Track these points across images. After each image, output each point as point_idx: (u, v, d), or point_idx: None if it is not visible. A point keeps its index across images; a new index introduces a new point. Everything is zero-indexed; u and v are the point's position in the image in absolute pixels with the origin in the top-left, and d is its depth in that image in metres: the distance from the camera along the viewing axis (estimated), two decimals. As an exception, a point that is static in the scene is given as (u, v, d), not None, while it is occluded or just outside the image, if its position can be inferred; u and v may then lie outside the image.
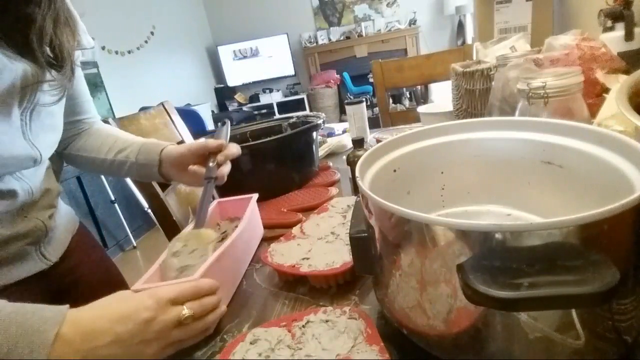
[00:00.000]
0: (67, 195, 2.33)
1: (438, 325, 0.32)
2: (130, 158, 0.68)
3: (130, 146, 0.69)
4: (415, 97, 4.17)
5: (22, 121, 0.51)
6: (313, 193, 0.85)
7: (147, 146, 0.68)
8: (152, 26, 3.86)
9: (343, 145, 1.19)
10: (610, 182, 0.35)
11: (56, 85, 0.53)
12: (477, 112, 0.87)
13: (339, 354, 0.38)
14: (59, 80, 0.53)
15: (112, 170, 0.70)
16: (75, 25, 0.55)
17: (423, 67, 1.68)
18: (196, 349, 0.46)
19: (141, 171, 0.68)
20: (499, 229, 0.26)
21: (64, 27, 0.52)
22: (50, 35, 0.50)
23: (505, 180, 0.48)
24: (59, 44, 0.52)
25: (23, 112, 0.51)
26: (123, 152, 0.69)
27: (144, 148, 0.68)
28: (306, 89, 5.05)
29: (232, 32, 5.04)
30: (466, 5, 4.20)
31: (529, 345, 0.29)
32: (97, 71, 2.96)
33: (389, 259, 0.36)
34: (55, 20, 0.51)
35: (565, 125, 0.42)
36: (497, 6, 1.34)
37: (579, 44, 0.74)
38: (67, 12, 0.53)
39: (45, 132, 0.56)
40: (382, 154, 0.47)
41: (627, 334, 0.30)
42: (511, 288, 0.23)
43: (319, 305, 0.49)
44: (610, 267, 0.23)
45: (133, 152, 0.68)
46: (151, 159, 0.67)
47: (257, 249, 0.68)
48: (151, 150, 0.67)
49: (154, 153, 0.67)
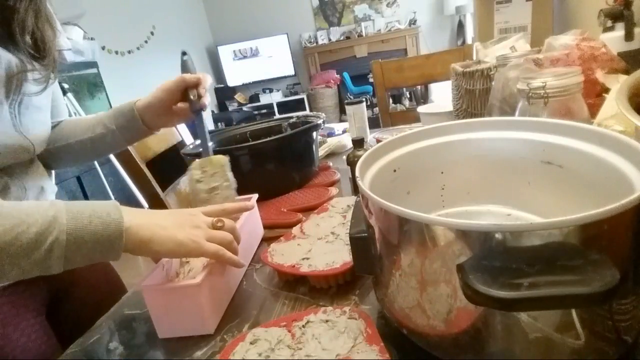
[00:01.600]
0: (67, 195, 2.33)
1: (438, 325, 0.32)
2: (110, 126, 0.68)
3: (102, 118, 0.69)
4: (415, 97, 4.17)
5: (11, 114, 0.52)
6: (313, 193, 0.85)
7: (119, 110, 0.68)
8: (152, 26, 3.86)
9: (343, 145, 1.19)
10: (610, 182, 0.35)
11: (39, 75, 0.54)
12: (477, 112, 0.87)
13: (339, 354, 0.38)
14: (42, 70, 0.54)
15: (96, 148, 0.70)
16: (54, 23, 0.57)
17: (423, 67, 1.68)
18: (196, 349, 0.46)
19: (126, 134, 0.69)
20: (499, 229, 0.26)
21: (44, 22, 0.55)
22: (32, 27, 0.52)
23: (505, 180, 0.48)
24: (41, 36, 0.54)
25: (11, 104, 0.52)
26: (98, 125, 0.68)
27: (117, 113, 0.68)
28: (306, 89, 5.05)
29: (232, 32, 5.04)
30: (466, 5, 4.20)
31: (529, 345, 0.29)
32: (97, 71, 2.96)
33: (389, 259, 0.36)
34: (37, 12, 0.53)
35: (565, 125, 0.42)
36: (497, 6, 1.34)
37: (579, 44, 0.74)
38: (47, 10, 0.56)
39: (35, 126, 0.57)
40: (382, 154, 0.47)
41: (627, 334, 0.30)
42: (511, 288, 0.23)
43: (319, 305, 0.49)
44: (610, 267, 0.23)
45: (109, 121, 0.68)
46: (130, 118, 0.67)
47: (257, 249, 0.68)
48: (125, 111, 0.68)
49: (129, 112, 0.67)
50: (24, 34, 0.51)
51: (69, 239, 0.39)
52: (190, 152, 0.90)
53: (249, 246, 0.66)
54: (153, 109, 0.67)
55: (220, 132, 1.09)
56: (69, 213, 0.40)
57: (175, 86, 0.66)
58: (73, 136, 0.69)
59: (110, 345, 0.51)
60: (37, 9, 0.53)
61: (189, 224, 0.48)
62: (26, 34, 0.52)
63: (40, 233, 0.38)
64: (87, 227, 0.39)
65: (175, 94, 0.66)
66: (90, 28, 2.87)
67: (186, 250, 0.46)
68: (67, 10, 2.54)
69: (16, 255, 0.37)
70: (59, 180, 2.18)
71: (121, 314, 0.57)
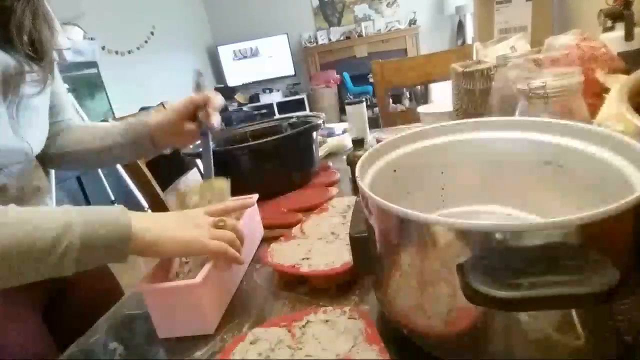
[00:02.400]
0: (67, 195, 2.33)
1: (438, 325, 0.32)
2: (119, 140, 0.68)
3: (112, 131, 0.69)
4: (415, 97, 4.17)
5: (9, 115, 0.52)
6: (313, 193, 0.85)
7: (131, 125, 0.68)
8: (152, 26, 3.86)
9: (343, 145, 1.19)
10: (610, 182, 0.35)
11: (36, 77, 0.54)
12: (477, 112, 0.87)
13: (339, 354, 0.38)
14: (39, 72, 0.54)
15: (102, 158, 0.70)
16: (53, 23, 0.57)
17: (423, 67, 1.68)
18: (196, 349, 0.46)
19: (134, 150, 0.69)
20: (499, 229, 0.26)
21: (42, 22, 0.54)
22: (29, 28, 0.52)
23: (505, 180, 0.48)
24: (38, 37, 0.53)
25: (9, 107, 0.52)
26: (108, 137, 0.68)
27: (129, 128, 0.68)
28: (306, 89, 5.05)
29: (232, 32, 5.04)
30: (466, 5, 4.20)
31: (529, 345, 0.29)
32: (97, 71, 2.96)
33: (389, 259, 0.36)
34: (34, 13, 0.53)
35: (565, 125, 0.42)
36: (497, 6, 1.34)
37: (579, 44, 0.73)
38: (44, 9, 0.55)
39: (33, 128, 0.57)
40: (382, 154, 0.47)
41: (627, 334, 0.30)
42: (511, 288, 0.23)
43: (319, 305, 0.49)
44: (610, 267, 0.23)
45: (121, 134, 0.68)
46: (141, 135, 0.67)
47: (257, 249, 0.68)
48: (138, 127, 0.68)
49: (141, 129, 0.67)
50: (21, 35, 0.51)
51: (82, 244, 0.40)
52: (190, 152, 0.90)
53: (249, 246, 0.66)
54: (164, 129, 0.67)
55: (220, 132, 1.09)
56: (81, 219, 0.41)
57: (184, 107, 0.66)
58: (82, 143, 0.69)
59: (110, 345, 0.51)
60: (35, 9, 0.53)
61: (192, 224, 0.49)
62: (23, 35, 0.51)
63: (56, 238, 0.39)
64: (98, 231, 0.41)
65: (184, 114, 0.66)
66: (90, 28, 2.87)
67: (191, 249, 0.47)
68: (67, 10, 2.54)
69: (34, 259, 0.39)
70: (58, 180, 2.18)
71: (121, 314, 0.57)
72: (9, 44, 0.50)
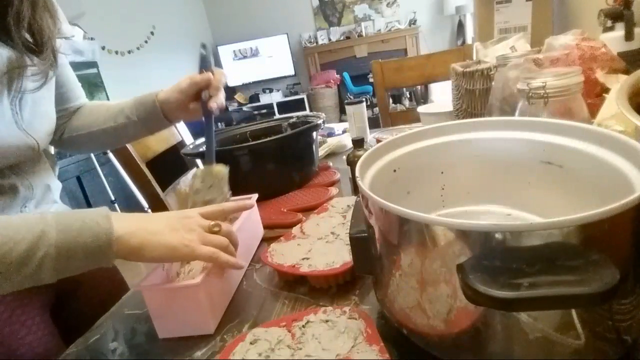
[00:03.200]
0: (67, 195, 2.33)
1: (438, 325, 0.32)
2: (131, 117, 0.68)
3: (123, 108, 0.69)
4: (415, 97, 4.17)
5: (12, 110, 0.51)
6: (313, 193, 0.85)
7: (140, 101, 0.69)
8: (152, 26, 3.86)
9: (343, 145, 1.19)
10: (610, 182, 0.35)
11: (37, 71, 0.53)
12: (477, 112, 0.87)
13: (339, 354, 0.38)
14: (40, 65, 0.53)
15: (117, 136, 0.70)
16: (55, 11, 0.55)
17: (423, 67, 1.68)
18: (196, 349, 0.46)
19: (148, 125, 0.69)
20: (499, 229, 0.26)
21: (42, 12, 0.53)
22: (28, 19, 0.50)
23: (505, 180, 0.48)
24: (39, 28, 0.52)
25: (12, 101, 0.51)
26: (120, 115, 0.69)
27: (138, 104, 0.68)
28: (306, 89, 5.05)
29: (232, 32, 5.04)
30: (466, 5, 4.20)
31: (529, 345, 0.29)
32: (97, 71, 2.96)
33: (389, 259, 0.36)
34: (34, 3, 0.51)
35: (565, 125, 0.42)
36: (497, 6, 1.34)
37: (579, 44, 0.74)
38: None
39: (38, 120, 0.56)
40: (382, 154, 0.47)
41: (627, 334, 0.30)
42: (511, 288, 0.23)
43: (319, 305, 0.49)
44: (610, 267, 0.23)
45: (131, 111, 0.68)
46: (151, 110, 0.68)
47: (257, 249, 0.68)
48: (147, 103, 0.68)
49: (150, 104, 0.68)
50: (19, 27, 0.49)
51: (59, 252, 0.39)
52: (190, 152, 0.90)
53: (249, 246, 0.66)
54: (171, 106, 0.67)
55: (221, 132, 1.09)
56: (58, 226, 0.40)
57: (187, 88, 0.65)
58: (95, 124, 0.70)
59: (111, 345, 0.51)
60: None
61: (183, 227, 0.47)
62: (22, 26, 0.50)
63: (29, 249, 0.38)
64: (76, 239, 0.40)
65: (188, 95, 0.66)
66: (90, 28, 2.87)
67: (179, 254, 0.45)
68: (67, 10, 2.53)
69: (6, 271, 0.37)
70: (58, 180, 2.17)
71: (121, 313, 0.57)
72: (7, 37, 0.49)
